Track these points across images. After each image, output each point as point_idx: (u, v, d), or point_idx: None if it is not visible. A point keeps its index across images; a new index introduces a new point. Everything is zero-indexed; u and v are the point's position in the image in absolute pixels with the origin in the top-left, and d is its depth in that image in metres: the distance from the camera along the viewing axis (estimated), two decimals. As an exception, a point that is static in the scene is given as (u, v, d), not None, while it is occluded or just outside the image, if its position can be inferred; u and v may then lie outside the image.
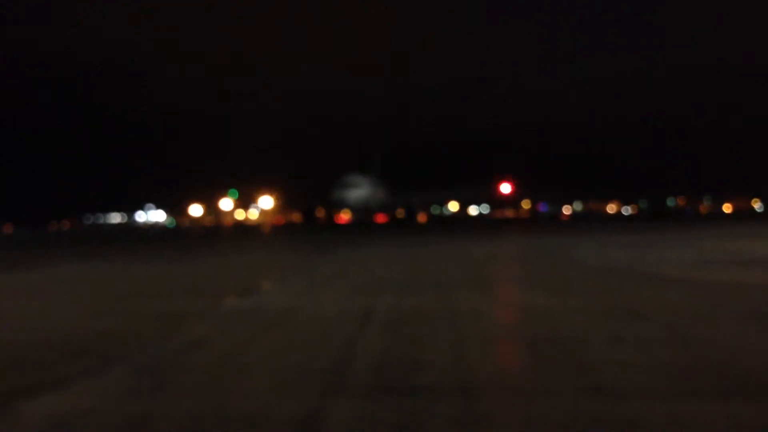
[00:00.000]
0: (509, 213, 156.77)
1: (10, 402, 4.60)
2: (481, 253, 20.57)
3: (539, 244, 25.87)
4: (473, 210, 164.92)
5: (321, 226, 68.42)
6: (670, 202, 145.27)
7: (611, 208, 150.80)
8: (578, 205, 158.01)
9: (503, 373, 5.25)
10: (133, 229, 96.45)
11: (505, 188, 50.99)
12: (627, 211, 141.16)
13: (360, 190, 65.91)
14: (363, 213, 72.88)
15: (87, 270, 17.22)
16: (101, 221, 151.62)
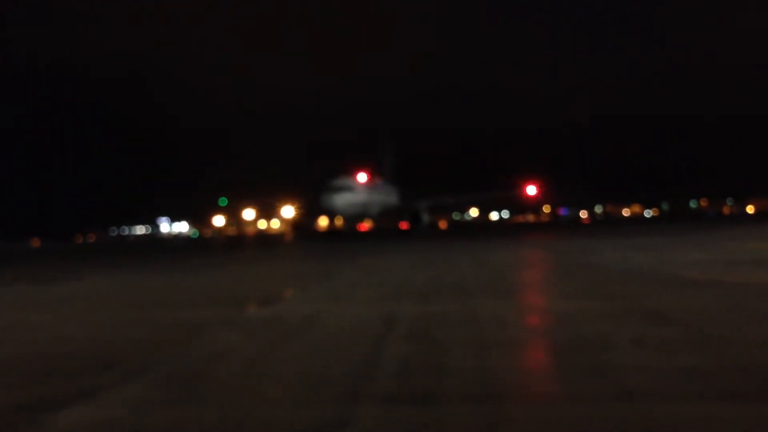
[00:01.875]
0: (530, 218, 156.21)
1: (37, 414, 4.66)
2: (502, 258, 20.50)
3: (561, 248, 25.75)
4: (494, 215, 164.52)
5: (310, 234, 65.52)
6: (693, 203, 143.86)
7: (633, 211, 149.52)
8: (599, 209, 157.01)
9: (526, 378, 5.24)
10: (157, 241, 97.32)
11: (531, 190, 50.34)
12: (649, 213, 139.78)
13: (351, 195, 58.06)
14: (355, 220, 67.20)
15: (113, 281, 17.40)
16: (126, 233, 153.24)
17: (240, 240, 59.68)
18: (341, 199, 56.64)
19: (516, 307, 9.41)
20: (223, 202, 70.17)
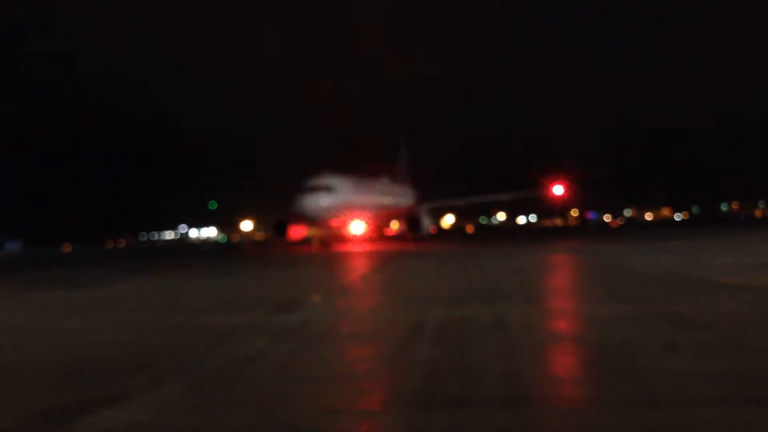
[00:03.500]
0: (558, 221, 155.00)
1: (70, 416, 4.73)
2: (530, 263, 20.39)
3: (589, 252, 25.53)
4: (521, 219, 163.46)
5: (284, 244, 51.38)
6: (723, 206, 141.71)
7: (663, 214, 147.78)
8: (628, 212, 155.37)
9: (555, 383, 5.22)
10: (186, 246, 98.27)
11: (558, 190, 47.35)
12: (679, 216, 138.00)
13: (334, 197, 46.01)
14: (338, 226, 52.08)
15: (143, 286, 17.60)
16: (155, 238, 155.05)
17: (268, 245, 59.66)
18: (317, 202, 44.94)
19: (545, 312, 9.37)
20: (212, 205, 60.25)
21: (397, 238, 63.07)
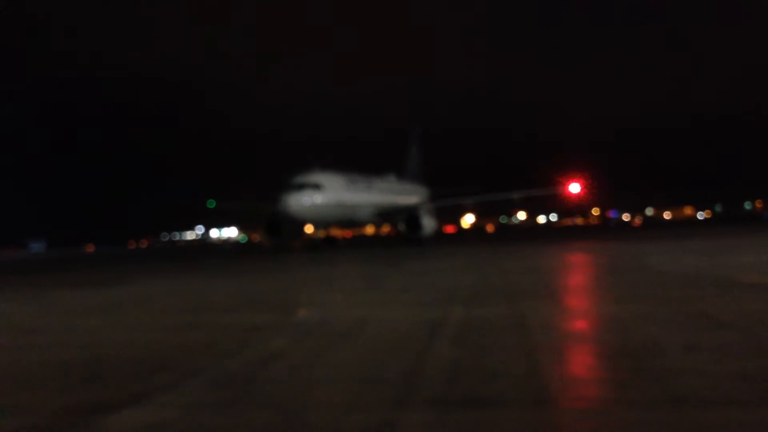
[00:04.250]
0: (579, 221, 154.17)
1: (93, 416, 4.78)
2: (550, 262, 20.29)
3: (611, 251, 25.33)
4: (541, 218, 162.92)
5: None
6: (747, 205, 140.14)
7: (685, 213, 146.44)
8: (650, 211, 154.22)
9: (576, 383, 5.17)
10: (207, 246, 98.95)
11: (575, 188, 45.08)
12: (701, 215, 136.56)
13: (321, 195, 40.56)
14: (323, 225, 46.39)
15: (165, 286, 17.74)
16: (177, 239, 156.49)
17: (288, 245, 59.86)
18: (300, 201, 39.44)
19: (566, 311, 9.30)
20: (210, 204, 53.86)
21: (394, 239, 60.00)
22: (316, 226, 44.34)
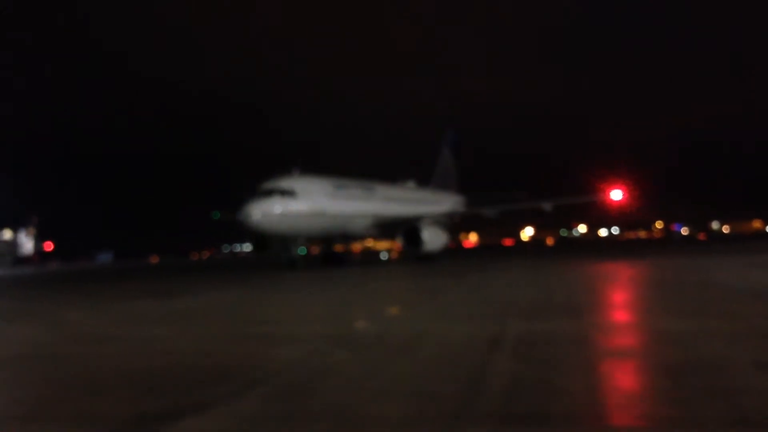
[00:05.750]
0: (641, 234, 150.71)
1: (155, 425, 4.89)
2: (611, 276, 19.88)
3: (674, 265, 24.64)
4: (602, 231, 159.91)
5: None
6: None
7: (753, 227, 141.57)
8: (716, 225, 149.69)
9: (639, 400, 5.05)
10: (267, 257, 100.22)
11: (616, 195, 41.55)
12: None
13: (293, 203, 34.31)
14: (302, 239, 37.80)
15: (226, 297, 18.05)
16: (238, 250, 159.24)
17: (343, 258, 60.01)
18: (262, 210, 33.16)
19: (630, 326, 9.11)
20: (215, 215, 46.78)
21: (392, 257, 53.77)
22: (292, 240, 37.09)
